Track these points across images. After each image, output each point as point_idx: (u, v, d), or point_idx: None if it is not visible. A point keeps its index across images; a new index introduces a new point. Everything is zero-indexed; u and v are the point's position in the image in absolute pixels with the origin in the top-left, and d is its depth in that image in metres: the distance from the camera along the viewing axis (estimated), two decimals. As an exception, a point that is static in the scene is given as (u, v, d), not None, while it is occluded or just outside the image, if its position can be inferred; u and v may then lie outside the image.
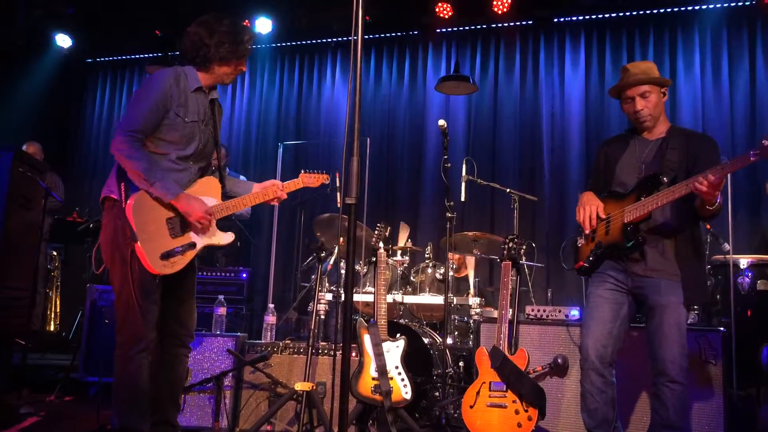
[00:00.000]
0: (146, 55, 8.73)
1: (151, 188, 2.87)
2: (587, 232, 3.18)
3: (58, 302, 7.17)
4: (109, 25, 8.18)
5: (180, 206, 2.91)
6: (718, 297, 4.90)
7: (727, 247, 4.88)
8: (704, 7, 6.79)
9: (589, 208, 3.16)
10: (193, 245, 3.00)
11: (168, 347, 3.14)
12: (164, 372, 3.13)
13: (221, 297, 4.57)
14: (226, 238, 3.13)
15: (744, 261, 4.78)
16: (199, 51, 3.05)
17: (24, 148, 6.71)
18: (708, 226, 5.07)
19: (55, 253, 7.10)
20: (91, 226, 6.02)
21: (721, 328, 3.74)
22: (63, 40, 8.34)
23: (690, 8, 6.87)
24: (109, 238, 2.96)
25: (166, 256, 2.90)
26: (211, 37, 3.03)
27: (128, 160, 2.89)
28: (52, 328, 7.05)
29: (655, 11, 7.02)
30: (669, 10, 6.96)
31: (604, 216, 3.15)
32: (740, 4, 6.72)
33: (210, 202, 3.07)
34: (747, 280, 4.72)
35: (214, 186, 3.15)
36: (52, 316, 7.09)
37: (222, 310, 4.45)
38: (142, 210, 2.88)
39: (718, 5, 6.73)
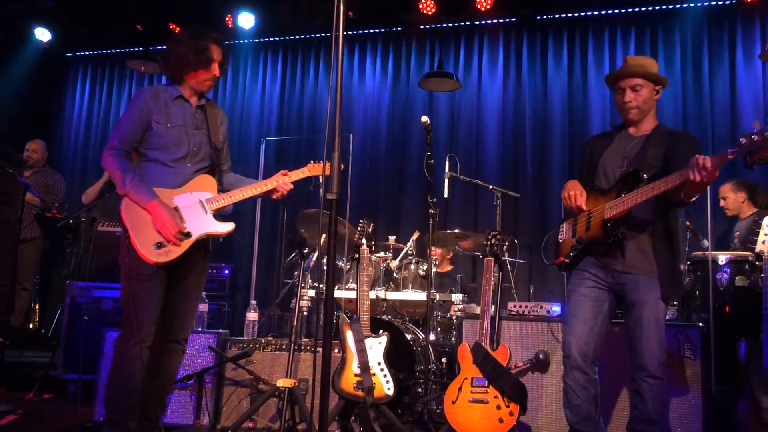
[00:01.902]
0: (127, 50, 8.62)
1: (128, 195, 3.10)
2: (578, 209, 3.18)
3: (37, 299, 7.09)
4: (89, 19, 8.09)
5: (151, 212, 3.07)
6: (697, 293, 4.95)
7: (706, 243, 4.94)
8: (685, 5, 6.85)
9: (574, 192, 3.19)
10: (188, 235, 3.11)
11: (162, 342, 3.17)
12: (155, 366, 3.14)
13: (203, 293, 4.54)
14: (224, 227, 3.25)
15: (722, 257, 4.83)
16: (169, 70, 3.30)
17: (27, 146, 6.67)
18: (687, 223, 5.12)
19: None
20: (70, 222, 5.96)
21: (700, 324, 3.78)
22: (42, 34, 8.24)
23: (671, 6, 6.93)
24: (121, 238, 3.16)
25: (160, 245, 3.05)
26: (175, 53, 3.26)
27: (109, 171, 3.17)
28: (31, 325, 6.97)
29: (636, 9, 7.07)
30: (651, 8, 7.02)
31: (586, 208, 3.17)
32: (720, 3, 6.79)
33: (204, 195, 3.23)
34: (725, 276, 4.77)
35: (209, 182, 3.29)
36: (31, 313, 7.01)
37: (204, 307, 4.43)
38: (135, 206, 3.09)
39: (699, 4, 6.80)
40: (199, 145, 3.28)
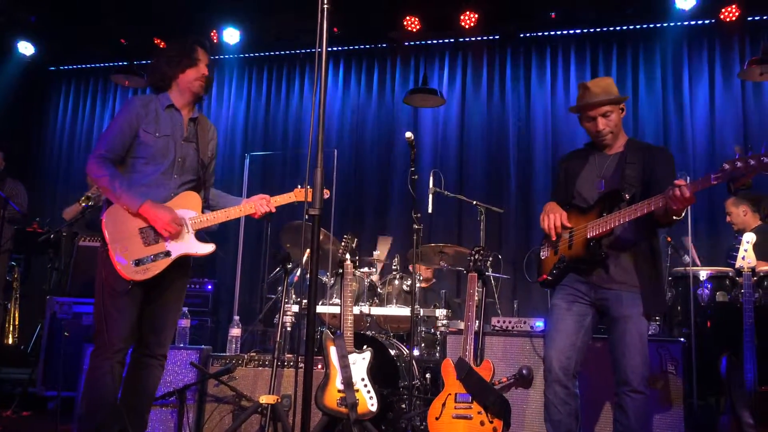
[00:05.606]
0: (111, 64, 8.62)
1: (118, 200, 3.03)
2: (554, 238, 3.21)
3: (16, 315, 6.99)
4: (73, 33, 8.05)
5: (147, 214, 3.03)
6: (678, 308, 4.99)
7: (687, 259, 4.98)
8: (665, 24, 6.96)
9: (554, 216, 3.20)
10: (167, 254, 3.06)
11: (139, 357, 3.15)
12: (132, 382, 3.11)
13: (185, 309, 4.49)
14: (204, 248, 3.19)
15: (703, 273, 4.88)
16: (157, 74, 3.26)
17: None
18: (669, 239, 5.17)
19: (14, 264, 6.93)
20: (51, 236, 5.90)
21: (682, 339, 3.81)
22: (25, 48, 8.20)
23: (652, 26, 7.04)
24: (99, 251, 3.11)
25: (139, 262, 3.00)
26: (161, 56, 3.28)
27: (96, 178, 3.10)
28: (10, 342, 6.86)
29: (618, 28, 7.18)
30: (632, 27, 7.13)
31: (568, 225, 3.19)
32: (700, 22, 6.91)
33: (188, 214, 3.17)
34: (706, 291, 4.81)
35: (194, 199, 3.23)
36: (11, 329, 6.91)
37: (186, 322, 4.40)
38: (117, 220, 3.04)
39: (679, 23, 6.91)
40: (184, 157, 3.21)
